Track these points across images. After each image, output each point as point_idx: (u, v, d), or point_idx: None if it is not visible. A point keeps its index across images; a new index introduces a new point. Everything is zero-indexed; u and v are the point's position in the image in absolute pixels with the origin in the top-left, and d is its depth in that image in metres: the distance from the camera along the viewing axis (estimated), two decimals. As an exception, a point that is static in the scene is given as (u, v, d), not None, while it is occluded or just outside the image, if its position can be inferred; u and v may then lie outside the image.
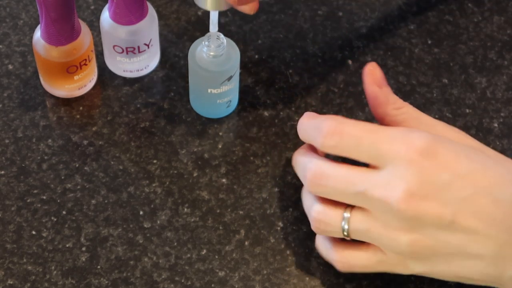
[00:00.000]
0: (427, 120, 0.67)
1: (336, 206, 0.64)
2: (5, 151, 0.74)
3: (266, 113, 0.77)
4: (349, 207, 0.64)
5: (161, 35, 0.80)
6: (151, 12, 0.75)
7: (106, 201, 0.72)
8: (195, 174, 0.74)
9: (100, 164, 0.74)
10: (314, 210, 0.65)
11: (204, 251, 0.70)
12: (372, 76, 0.67)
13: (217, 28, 0.71)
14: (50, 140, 0.75)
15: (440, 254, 0.62)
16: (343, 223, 0.64)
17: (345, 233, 0.64)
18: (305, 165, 0.65)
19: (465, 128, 0.76)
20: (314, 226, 0.65)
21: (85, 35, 0.73)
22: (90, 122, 0.76)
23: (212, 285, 0.69)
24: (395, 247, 0.63)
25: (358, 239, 0.64)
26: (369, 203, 0.63)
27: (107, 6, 0.74)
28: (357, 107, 0.77)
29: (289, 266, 0.70)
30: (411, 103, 0.77)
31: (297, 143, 0.75)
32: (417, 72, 0.80)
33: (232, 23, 0.81)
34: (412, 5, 0.83)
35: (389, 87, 0.68)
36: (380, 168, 0.63)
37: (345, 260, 0.65)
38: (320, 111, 0.77)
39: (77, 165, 0.74)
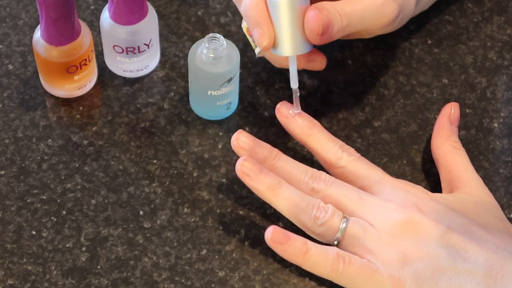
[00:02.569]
0: (468, 172, 0.70)
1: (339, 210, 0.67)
2: (5, 151, 0.74)
3: (266, 113, 0.77)
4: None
5: (161, 35, 0.80)
6: (151, 12, 0.75)
7: (106, 201, 0.72)
8: (195, 174, 0.74)
9: (100, 164, 0.74)
10: (321, 202, 0.66)
11: (204, 251, 0.70)
12: (451, 111, 0.73)
13: (297, 84, 0.70)
14: (50, 140, 0.75)
15: (429, 267, 0.63)
16: (342, 221, 0.65)
17: (339, 234, 0.65)
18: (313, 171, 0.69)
19: (465, 128, 0.76)
20: (314, 216, 0.65)
21: (85, 35, 0.73)
22: (90, 122, 0.76)
23: (212, 285, 0.69)
24: (386, 255, 0.64)
25: (347, 246, 0.65)
26: (368, 208, 0.66)
27: (107, 6, 0.74)
28: (357, 107, 0.77)
29: (289, 266, 0.70)
30: (411, 103, 0.78)
31: (297, 143, 0.75)
32: (417, 72, 0.80)
33: (232, 23, 0.81)
34: (412, 5, 0.83)
35: (457, 130, 0.73)
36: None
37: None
38: (320, 111, 0.77)
39: (77, 165, 0.74)
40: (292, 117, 0.70)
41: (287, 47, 0.68)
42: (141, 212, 0.72)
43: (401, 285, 0.63)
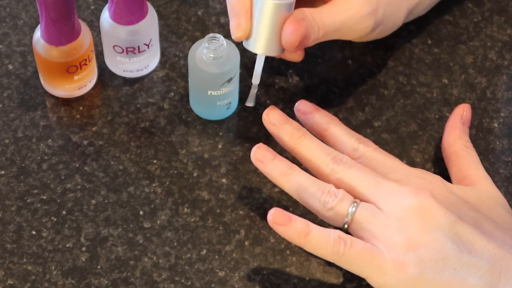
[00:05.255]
0: (480, 170, 0.71)
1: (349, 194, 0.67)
2: (5, 151, 0.74)
3: (266, 113, 0.77)
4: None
5: (161, 35, 0.80)
6: (151, 12, 0.75)
7: (106, 201, 0.72)
8: (195, 174, 0.74)
9: (100, 164, 0.74)
10: (332, 187, 0.67)
11: (204, 251, 0.70)
12: (463, 112, 0.73)
13: (259, 81, 0.71)
14: (50, 140, 0.75)
15: (434, 255, 0.63)
16: (352, 205, 0.65)
17: (348, 218, 0.65)
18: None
19: (465, 128, 0.77)
20: (324, 200, 0.66)
21: (85, 35, 0.73)
22: (90, 122, 0.76)
23: (212, 285, 0.69)
24: (391, 240, 0.63)
25: (356, 230, 0.65)
26: (382, 192, 0.65)
27: (107, 6, 0.74)
28: (357, 107, 0.77)
29: (289, 266, 0.70)
30: (411, 103, 0.78)
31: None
32: (417, 72, 0.80)
33: (232, 23, 0.81)
34: (412, 5, 0.83)
35: (468, 131, 0.73)
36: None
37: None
38: (320, 111, 0.77)
39: (77, 165, 0.74)
40: (310, 113, 0.72)
41: (259, 45, 0.69)
42: (141, 212, 0.72)
43: (403, 270, 0.63)
